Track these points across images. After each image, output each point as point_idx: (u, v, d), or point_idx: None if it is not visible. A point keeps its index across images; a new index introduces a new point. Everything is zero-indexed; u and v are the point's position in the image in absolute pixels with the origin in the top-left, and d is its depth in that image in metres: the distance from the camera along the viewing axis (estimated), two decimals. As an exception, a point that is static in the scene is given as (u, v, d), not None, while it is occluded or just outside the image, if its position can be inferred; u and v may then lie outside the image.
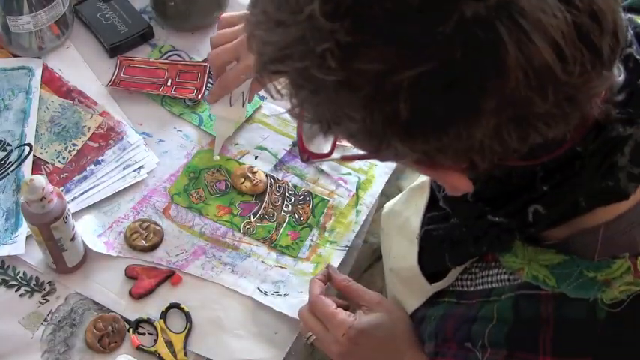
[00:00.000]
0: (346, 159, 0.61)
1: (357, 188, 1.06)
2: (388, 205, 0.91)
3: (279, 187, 1.05)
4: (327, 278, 0.91)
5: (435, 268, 0.76)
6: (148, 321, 0.92)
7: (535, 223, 0.62)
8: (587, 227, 0.62)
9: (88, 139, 1.07)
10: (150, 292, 0.94)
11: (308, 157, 0.66)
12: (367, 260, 1.09)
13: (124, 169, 1.05)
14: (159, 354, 0.90)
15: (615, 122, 0.58)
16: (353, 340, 0.82)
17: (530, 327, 0.62)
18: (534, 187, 0.61)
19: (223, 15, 1.00)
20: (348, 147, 1.07)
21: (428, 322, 0.78)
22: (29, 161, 1.05)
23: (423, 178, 0.84)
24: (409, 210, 0.83)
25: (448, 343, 0.72)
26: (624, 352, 0.59)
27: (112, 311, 0.93)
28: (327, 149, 0.66)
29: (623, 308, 0.58)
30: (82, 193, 1.02)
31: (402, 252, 0.82)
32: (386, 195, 1.08)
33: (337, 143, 0.65)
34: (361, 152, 0.58)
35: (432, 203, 0.80)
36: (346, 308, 0.87)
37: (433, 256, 0.76)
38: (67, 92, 1.13)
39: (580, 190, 0.60)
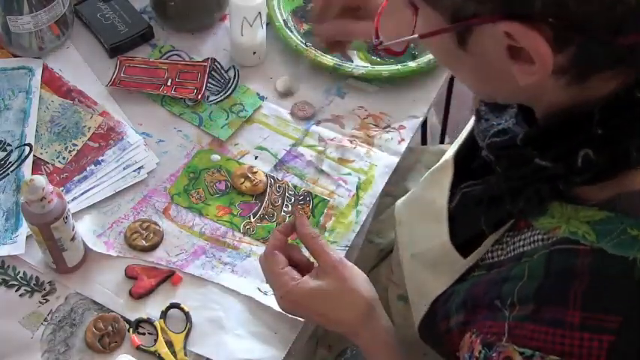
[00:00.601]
0: (423, 36, 0.61)
1: (357, 188, 1.06)
2: (402, 199, 0.90)
3: (279, 187, 1.05)
4: (291, 230, 0.88)
5: (468, 235, 0.74)
6: (148, 321, 0.92)
7: (583, 170, 0.61)
8: (636, 189, 0.60)
9: (88, 139, 1.08)
10: (150, 292, 0.94)
11: (381, 42, 0.69)
12: (372, 261, 1.09)
13: (124, 169, 1.05)
14: (159, 354, 0.90)
15: None
16: (290, 304, 0.84)
17: (562, 280, 0.60)
18: (589, 130, 0.60)
19: None
20: (347, 146, 1.07)
21: (456, 295, 0.75)
22: (29, 161, 1.05)
23: (445, 158, 0.83)
24: (433, 192, 0.82)
25: (478, 309, 0.69)
26: None
27: (112, 311, 0.93)
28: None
29: None
30: (82, 193, 1.02)
31: (428, 233, 0.80)
32: (392, 195, 1.08)
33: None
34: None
35: (462, 179, 0.79)
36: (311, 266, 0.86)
37: (467, 221, 0.74)
38: (67, 92, 1.13)
39: (633, 138, 0.59)
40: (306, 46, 1.17)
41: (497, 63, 0.60)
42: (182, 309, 0.93)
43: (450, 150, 0.85)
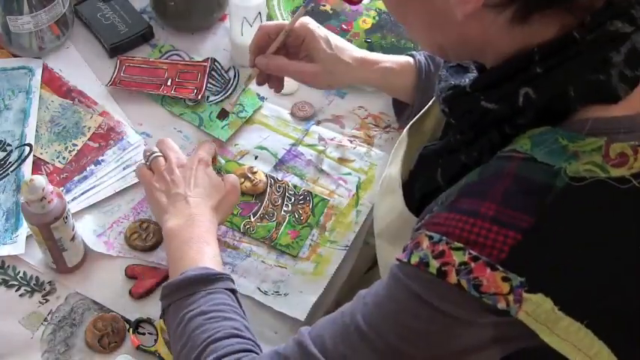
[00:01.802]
0: None
1: (357, 188, 1.06)
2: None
3: (279, 186, 1.05)
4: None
5: (425, 190, 0.75)
6: (148, 321, 0.92)
7: (524, 108, 0.63)
8: (576, 119, 0.62)
9: (88, 139, 1.08)
10: (150, 292, 0.94)
11: None
12: (368, 262, 1.09)
13: (124, 169, 1.05)
14: (159, 354, 0.90)
15: (615, 18, 0.61)
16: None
17: (488, 179, 0.62)
18: (529, 70, 0.62)
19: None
20: (347, 146, 1.07)
21: None
22: (29, 161, 1.05)
23: (400, 136, 0.86)
24: (391, 167, 0.84)
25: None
26: (566, 226, 0.58)
27: (112, 311, 0.93)
28: None
29: (581, 186, 0.58)
30: (82, 193, 1.02)
31: (387, 207, 0.82)
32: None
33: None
34: None
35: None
36: None
37: (425, 177, 0.75)
38: (67, 92, 1.13)
39: (571, 77, 0.61)
40: None
41: (439, 2, 0.63)
42: (182, 309, 0.93)
43: (408, 125, 0.87)
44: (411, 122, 0.86)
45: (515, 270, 0.58)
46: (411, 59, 1.01)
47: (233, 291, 0.83)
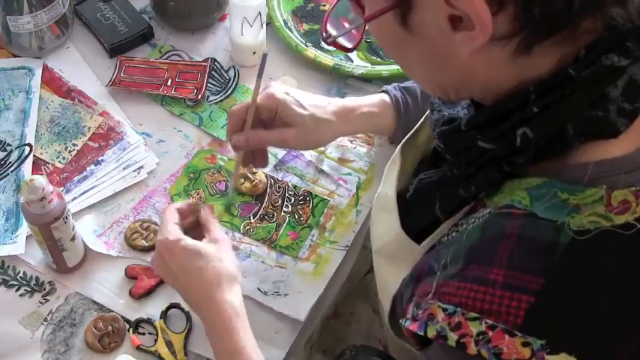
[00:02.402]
0: (367, 20, 0.63)
1: (357, 188, 1.06)
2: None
3: (279, 187, 1.05)
4: (190, 211, 0.91)
5: (424, 222, 0.74)
6: (148, 321, 0.92)
7: (522, 149, 0.62)
8: (575, 163, 0.61)
9: (88, 139, 1.08)
10: (150, 292, 0.94)
11: (329, 37, 0.71)
12: (367, 264, 1.09)
13: (124, 169, 1.05)
14: (159, 354, 0.90)
15: (610, 52, 0.59)
16: (165, 250, 0.84)
17: (492, 241, 0.61)
18: (526, 109, 0.61)
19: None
20: (347, 146, 1.07)
21: (408, 276, 0.76)
22: (29, 161, 1.05)
23: (395, 151, 0.85)
24: (385, 186, 0.84)
25: (420, 279, 0.70)
26: (576, 281, 0.57)
27: (112, 311, 0.93)
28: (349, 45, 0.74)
29: (587, 239, 0.57)
30: (82, 193, 1.02)
31: (384, 227, 0.81)
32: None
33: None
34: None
35: (421, 168, 0.80)
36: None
37: (422, 209, 0.74)
38: (67, 92, 1.13)
39: (568, 115, 0.60)
40: (306, 46, 1.17)
41: (441, 39, 0.60)
42: (182, 309, 0.93)
43: (400, 144, 0.86)
44: (404, 140, 0.86)
45: (534, 333, 0.57)
46: (386, 97, 0.99)
47: None
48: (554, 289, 0.57)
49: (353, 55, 1.18)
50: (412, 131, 0.86)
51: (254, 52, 1.16)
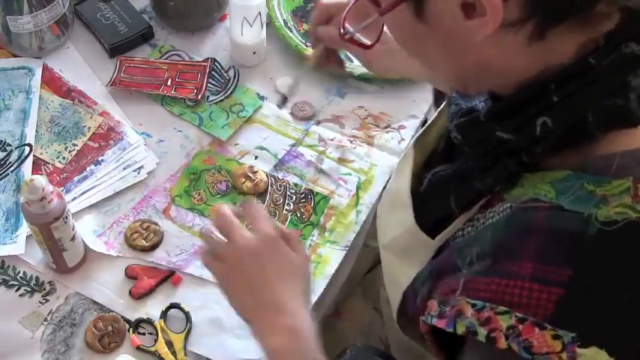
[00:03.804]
0: (382, 13, 0.62)
1: (357, 188, 1.06)
2: (382, 194, 0.91)
3: (280, 186, 1.05)
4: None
5: (437, 216, 0.74)
6: (148, 321, 0.92)
7: (542, 138, 0.62)
8: (600, 154, 0.61)
9: (88, 139, 1.07)
10: (150, 292, 0.94)
11: (346, 34, 0.72)
12: (368, 264, 1.08)
13: (124, 169, 1.05)
14: (159, 354, 0.89)
15: (630, 40, 0.59)
16: (265, 246, 0.78)
17: (519, 235, 0.61)
18: (545, 99, 0.61)
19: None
20: (347, 146, 1.07)
21: (423, 272, 0.75)
22: (29, 161, 1.05)
23: (406, 150, 0.85)
24: (399, 180, 0.83)
25: (442, 276, 0.69)
26: (605, 272, 0.57)
27: (112, 311, 0.93)
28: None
29: (614, 230, 0.57)
30: (82, 193, 1.02)
31: (396, 222, 0.81)
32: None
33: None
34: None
35: (432, 163, 0.79)
36: None
37: (437, 203, 0.74)
38: (67, 92, 1.13)
39: (589, 104, 0.60)
40: (306, 46, 1.17)
41: (456, 28, 0.60)
42: (182, 309, 0.93)
43: (414, 139, 0.86)
44: (417, 135, 0.85)
45: (565, 326, 0.57)
46: None
47: None
48: (582, 280, 0.57)
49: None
50: (425, 127, 0.86)
51: (254, 52, 1.16)
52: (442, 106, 0.85)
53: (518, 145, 0.64)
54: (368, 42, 0.77)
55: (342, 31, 0.73)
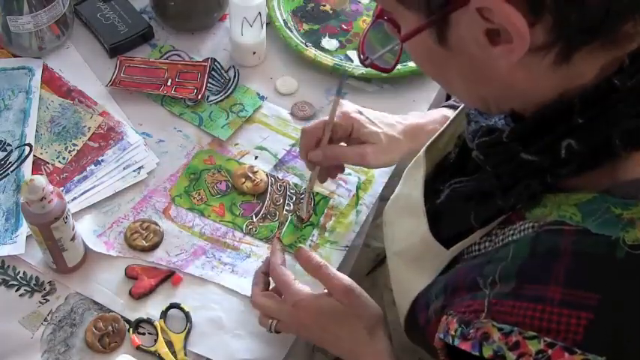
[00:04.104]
0: (404, 39, 0.64)
1: (357, 188, 1.06)
2: (390, 199, 0.91)
3: (280, 186, 1.05)
4: (281, 260, 0.92)
5: (456, 231, 0.73)
6: (148, 321, 0.92)
7: (567, 160, 0.61)
8: (627, 179, 0.61)
9: (88, 139, 1.07)
10: (150, 292, 0.94)
11: (367, 59, 0.74)
12: (369, 264, 1.08)
13: (124, 169, 1.05)
14: (159, 354, 0.89)
15: None
16: (302, 312, 0.85)
17: (545, 259, 0.60)
18: (570, 121, 0.61)
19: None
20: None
21: (436, 284, 0.75)
22: (29, 161, 1.05)
23: (419, 154, 0.85)
24: (409, 188, 0.83)
25: (458, 292, 0.69)
26: (635, 295, 0.57)
27: (112, 311, 0.93)
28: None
29: None
30: (82, 193, 1.02)
31: (408, 229, 0.80)
32: (388, 199, 1.07)
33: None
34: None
35: (453, 173, 0.79)
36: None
37: (455, 217, 0.74)
38: (67, 92, 1.13)
39: (614, 126, 0.60)
40: (306, 46, 1.17)
41: (480, 54, 0.60)
42: (182, 309, 0.93)
43: (425, 146, 0.86)
44: (428, 143, 0.85)
45: (595, 350, 0.56)
46: (448, 113, 0.98)
47: None
48: (612, 304, 0.57)
49: (353, 55, 1.18)
50: (436, 135, 0.85)
51: (254, 52, 1.16)
52: (454, 115, 0.84)
53: (542, 165, 0.63)
54: (388, 66, 0.77)
55: (362, 57, 0.75)
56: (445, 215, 0.76)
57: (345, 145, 0.97)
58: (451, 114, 0.97)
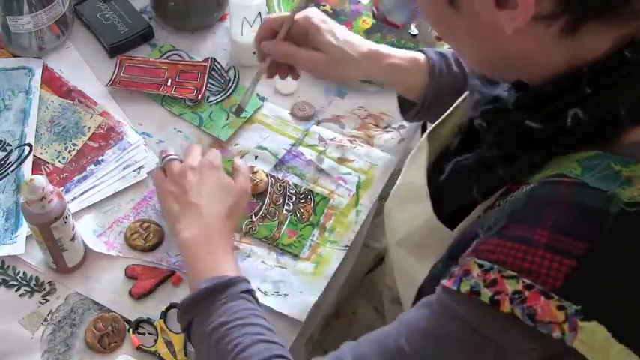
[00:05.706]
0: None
1: (357, 188, 1.06)
2: (391, 192, 0.91)
3: (280, 186, 1.05)
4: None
5: (457, 205, 0.73)
6: (148, 321, 0.92)
7: (572, 130, 0.62)
8: (630, 142, 0.61)
9: (88, 139, 1.07)
10: (150, 292, 0.94)
11: (381, 14, 0.77)
12: (368, 264, 1.09)
13: (124, 169, 1.05)
14: (159, 354, 0.89)
15: None
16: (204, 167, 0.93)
17: (538, 205, 0.61)
18: (578, 90, 0.61)
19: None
20: (347, 146, 1.06)
21: (441, 261, 0.75)
22: (29, 161, 1.05)
23: (420, 140, 0.85)
24: (412, 174, 0.83)
25: (463, 252, 0.68)
26: (621, 252, 0.58)
27: (112, 311, 0.93)
28: None
29: (636, 211, 0.57)
30: (82, 193, 1.02)
31: (410, 215, 0.80)
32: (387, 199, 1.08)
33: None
34: None
35: (446, 157, 0.79)
36: None
37: (457, 192, 0.73)
38: (67, 92, 1.13)
39: (621, 97, 0.60)
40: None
41: (486, 16, 0.61)
42: (182, 309, 0.93)
43: (427, 132, 0.86)
44: (431, 128, 0.85)
45: (571, 298, 0.57)
46: (421, 56, 0.97)
47: (249, 291, 0.82)
48: (597, 256, 0.57)
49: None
50: (439, 120, 0.85)
51: (254, 52, 1.16)
52: (458, 101, 0.84)
53: (546, 135, 0.64)
54: (400, 21, 0.79)
55: (375, 12, 0.76)
56: (448, 192, 0.76)
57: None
58: (422, 58, 0.97)
